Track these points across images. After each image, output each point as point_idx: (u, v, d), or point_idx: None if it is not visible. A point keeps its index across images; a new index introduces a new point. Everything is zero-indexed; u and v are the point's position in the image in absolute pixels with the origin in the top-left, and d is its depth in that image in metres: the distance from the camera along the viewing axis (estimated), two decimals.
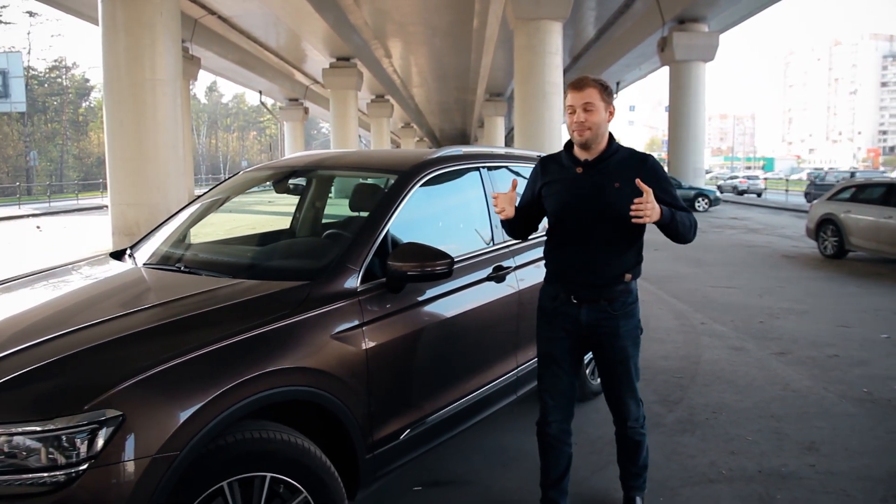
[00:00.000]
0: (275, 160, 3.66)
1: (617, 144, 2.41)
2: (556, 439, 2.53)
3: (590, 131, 2.31)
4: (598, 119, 2.31)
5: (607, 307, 2.39)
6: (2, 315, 2.26)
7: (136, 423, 1.65)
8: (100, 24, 11.81)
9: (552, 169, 2.48)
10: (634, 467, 2.65)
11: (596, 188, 2.34)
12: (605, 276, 2.37)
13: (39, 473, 1.59)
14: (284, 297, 2.16)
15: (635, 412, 2.55)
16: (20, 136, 52.94)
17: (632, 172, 2.30)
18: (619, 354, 2.44)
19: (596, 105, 2.31)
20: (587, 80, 2.34)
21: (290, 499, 1.94)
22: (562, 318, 2.45)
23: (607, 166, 2.36)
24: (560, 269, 2.45)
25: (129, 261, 2.86)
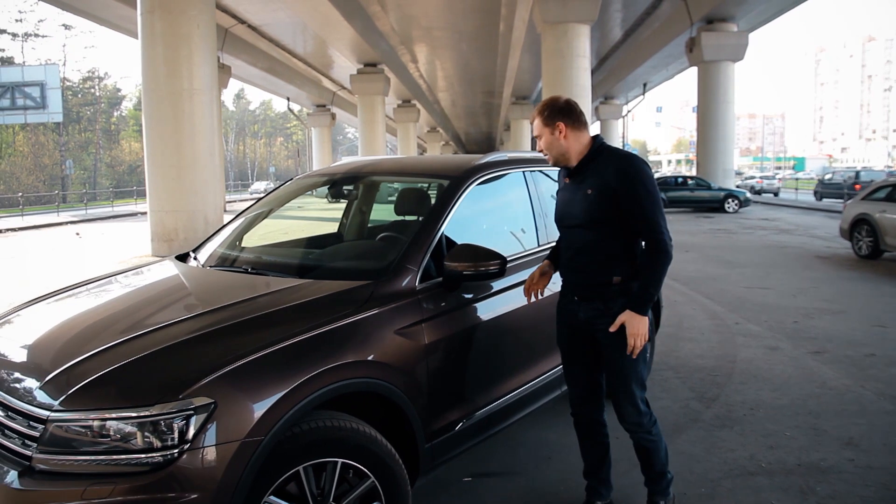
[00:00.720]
0: (326, 167, 3.83)
1: (596, 150, 2.43)
2: (587, 428, 2.64)
3: (550, 154, 2.46)
4: (548, 143, 2.44)
5: (601, 306, 2.42)
6: (93, 312, 2.46)
7: (226, 410, 1.81)
8: (139, 36, 12.19)
9: (560, 179, 2.65)
10: (651, 472, 2.62)
11: (573, 195, 2.45)
12: (593, 279, 2.44)
13: (140, 455, 1.76)
14: (351, 296, 2.32)
15: (633, 417, 2.50)
16: (56, 145, 54.31)
17: (601, 176, 2.37)
18: (612, 354, 2.44)
19: (542, 132, 2.44)
20: (534, 112, 2.49)
21: (359, 484, 2.09)
22: (566, 314, 2.56)
23: (584, 173, 2.43)
24: (562, 269, 2.58)
25: (195, 263, 3.05)
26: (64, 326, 2.35)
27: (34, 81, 35.53)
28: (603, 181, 2.35)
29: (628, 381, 2.45)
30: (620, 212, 2.35)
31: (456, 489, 2.95)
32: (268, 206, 3.59)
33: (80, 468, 1.77)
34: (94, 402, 1.81)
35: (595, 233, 2.40)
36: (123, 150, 66.88)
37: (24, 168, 50.23)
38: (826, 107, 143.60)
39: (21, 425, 1.88)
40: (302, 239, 3.81)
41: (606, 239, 2.40)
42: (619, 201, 2.34)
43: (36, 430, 1.83)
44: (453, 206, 2.70)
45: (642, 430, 2.52)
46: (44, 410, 1.82)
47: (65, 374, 1.91)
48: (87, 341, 2.11)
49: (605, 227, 2.37)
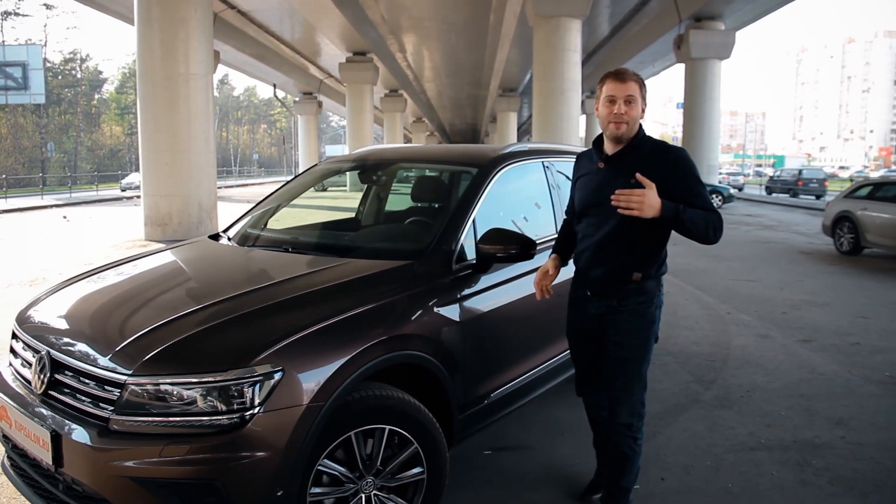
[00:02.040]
0: (349, 153, 3.97)
1: (642, 138, 2.34)
2: (592, 408, 2.67)
3: (626, 125, 2.27)
4: (636, 113, 2.28)
5: (614, 302, 2.38)
6: (150, 286, 2.60)
7: (292, 376, 1.96)
8: (135, 19, 12.15)
9: (582, 164, 2.51)
10: (616, 487, 2.51)
11: (612, 184, 2.27)
12: (612, 273, 2.35)
13: (213, 417, 1.91)
14: (396, 274, 2.47)
15: (626, 417, 2.42)
16: (36, 127, 53.47)
17: (651, 167, 2.24)
18: (616, 350, 2.39)
19: (636, 98, 2.28)
20: (629, 73, 2.29)
21: (403, 450, 2.25)
22: (577, 306, 2.53)
23: (627, 161, 2.31)
24: (578, 260, 2.48)
25: (230, 243, 3.18)
26: (124, 299, 2.48)
27: (16, 61, 34.98)
28: (652, 171, 2.21)
29: (631, 379, 2.40)
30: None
31: (478, 461, 3.13)
32: (292, 191, 3.71)
33: (156, 429, 1.91)
34: (169, 368, 1.94)
35: (628, 225, 2.27)
36: (104, 133, 66.02)
37: (3, 150, 49.43)
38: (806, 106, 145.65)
39: (96, 389, 2.01)
40: (325, 222, 3.95)
41: (639, 232, 2.30)
42: (665, 190, 2.21)
43: (112, 394, 1.97)
44: (483, 192, 2.86)
45: (630, 433, 2.43)
46: (120, 375, 1.96)
47: (138, 341, 2.04)
48: (154, 312, 2.25)
49: (641, 220, 2.22)
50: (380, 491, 2.21)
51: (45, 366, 2.15)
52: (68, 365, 2.11)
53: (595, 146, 2.46)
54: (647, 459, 3.16)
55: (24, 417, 2.11)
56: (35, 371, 2.19)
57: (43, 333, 2.32)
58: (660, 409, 3.78)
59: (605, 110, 2.31)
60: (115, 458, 1.89)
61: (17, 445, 2.24)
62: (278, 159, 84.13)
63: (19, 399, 2.20)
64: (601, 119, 2.34)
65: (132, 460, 1.88)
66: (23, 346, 2.39)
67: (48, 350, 2.19)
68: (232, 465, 1.86)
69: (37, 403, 2.13)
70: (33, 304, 2.63)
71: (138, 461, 1.87)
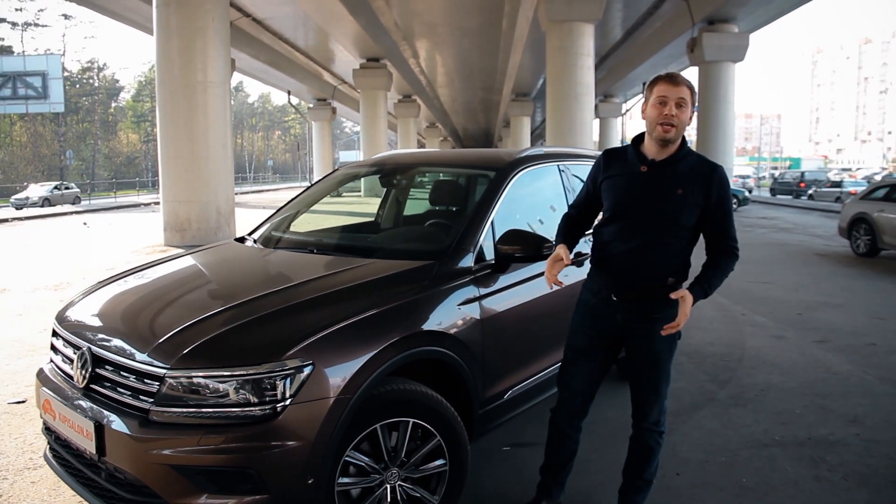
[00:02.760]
0: (368, 158, 4.08)
1: (688, 149, 2.32)
2: (561, 431, 2.55)
3: (675, 129, 2.23)
4: (685, 118, 2.24)
5: (646, 308, 2.34)
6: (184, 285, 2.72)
7: (323, 370, 2.06)
8: (154, 29, 12.38)
9: (616, 163, 2.40)
10: (639, 479, 2.53)
11: (658, 190, 2.26)
12: (648, 278, 2.31)
13: (248, 409, 2.01)
14: (418, 273, 2.57)
15: (656, 415, 2.46)
16: (54, 135, 54.30)
17: (698, 182, 2.26)
18: (650, 357, 2.38)
19: (687, 103, 2.24)
20: (680, 77, 2.26)
21: (426, 442, 2.34)
22: (598, 314, 2.42)
23: (674, 170, 2.27)
24: (605, 265, 2.40)
25: (256, 245, 3.29)
26: (159, 298, 2.60)
27: (36, 71, 35.52)
28: (698, 187, 2.25)
29: (661, 380, 2.41)
30: (700, 220, 2.30)
31: (497, 457, 3.21)
32: (314, 195, 3.82)
33: (193, 420, 2.01)
34: (205, 362, 2.05)
35: (668, 233, 2.27)
36: (121, 141, 66.87)
37: (23, 158, 50.27)
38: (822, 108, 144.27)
39: (135, 383, 2.12)
40: (346, 226, 4.06)
41: (676, 241, 2.29)
42: (706, 210, 2.27)
43: (151, 387, 2.08)
44: (501, 194, 2.95)
45: (658, 428, 2.48)
46: (159, 369, 2.06)
47: (175, 337, 2.15)
48: (189, 310, 2.36)
49: (681, 230, 2.27)
50: (404, 482, 2.30)
51: (87, 361, 2.26)
52: (108, 360, 2.23)
53: (635, 147, 2.37)
54: (663, 455, 3.18)
55: (68, 410, 2.23)
56: (77, 366, 2.30)
57: (83, 331, 2.43)
58: (675, 407, 3.83)
59: (654, 112, 2.24)
60: (155, 446, 1.99)
61: (60, 437, 2.36)
62: (293, 165, 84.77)
63: (62, 393, 2.32)
64: (649, 121, 2.27)
65: (171, 449, 1.98)
66: (63, 344, 2.51)
67: (89, 346, 2.30)
68: (265, 454, 1.96)
69: (79, 397, 2.24)
70: (72, 304, 2.75)
71: (177, 450, 1.97)
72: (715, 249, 2.36)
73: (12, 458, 3.24)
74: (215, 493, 1.98)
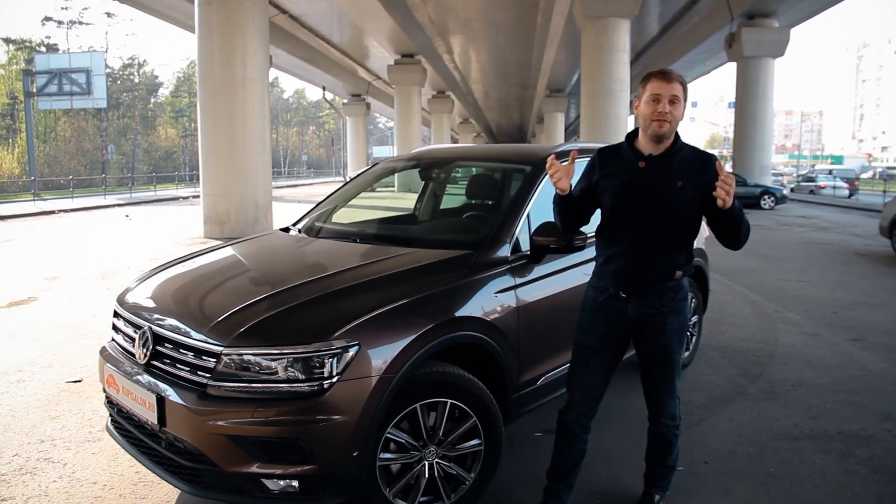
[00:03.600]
0: (407, 153, 4.21)
1: (682, 142, 2.38)
2: (571, 431, 2.53)
3: (669, 125, 2.27)
4: (679, 114, 2.29)
5: (656, 303, 2.37)
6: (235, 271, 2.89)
7: (368, 350, 2.20)
8: (196, 26, 12.71)
9: (612, 161, 2.42)
10: (662, 467, 2.61)
11: (658, 184, 2.31)
12: (656, 272, 2.35)
13: (298, 384, 2.15)
14: (458, 262, 2.69)
15: (671, 409, 2.51)
16: (97, 130, 55.77)
17: (695, 172, 2.30)
18: (662, 351, 2.42)
19: (680, 99, 2.28)
20: (674, 74, 2.30)
21: (463, 422, 2.46)
22: (607, 312, 2.43)
23: (671, 163, 2.32)
24: (611, 263, 2.41)
25: (301, 234, 3.46)
26: (214, 281, 2.78)
27: (80, 68, 36.57)
28: (696, 177, 2.30)
29: (673, 374, 2.46)
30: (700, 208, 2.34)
31: (529, 443, 3.32)
32: (354, 188, 3.97)
33: (247, 394, 2.17)
34: (259, 341, 2.20)
35: (672, 226, 2.33)
36: (160, 136, 68.29)
37: (67, 152, 51.73)
38: (867, 104, 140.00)
39: (194, 359, 2.29)
40: (386, 217, 4.21)
41: (680, 233, 2.36)
42: (705, 195, 2.28)
43: (209, 363, 2.24)
44: (537, 187, 3.05)
45: (675, 421, 2.53)
46: (216, 347, 2.22)
47: (231, 318, 2.31)
48: (243, 293, 2.53)
49: (684, 221, 2.33)
50: (441, 459, 2.43)
51: (148, 340, 2.44)
52: (168, 338, 2.40)
53: (629, 143, 2.41)
54: (692, 444, 3.30)
55: (132, 384, 2.41)
56: (138, 344, 2.48)
57: (144, 312, 2.61)
58: (704, 399, 3.90)
59: (648, 108, 2.28)
60: (212, 418, 2.15)
61: (123, 409, 2.54)
62: (326, 161, 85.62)
63: (125, 368, 2.50)
64: (643, 118, 2.31)
65: (227, 420, 2.14)
66: (124, 323, 2.69)
67: (150, 326, 2.48)
68: (314, 427, 2.11)
69: (141, 372, 2.42)
70: (130, 288, 2.94)
71: (232, 421, 2.13)
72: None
73: (73, 431, 3.47)
74: (267, 461, 2.14)
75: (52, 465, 3.07)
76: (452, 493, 2.46)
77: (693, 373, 4.40)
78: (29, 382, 4.23)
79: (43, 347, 5.05)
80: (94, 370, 4.45)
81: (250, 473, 2.14)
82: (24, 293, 7.23)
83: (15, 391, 4.07)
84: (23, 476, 2.97)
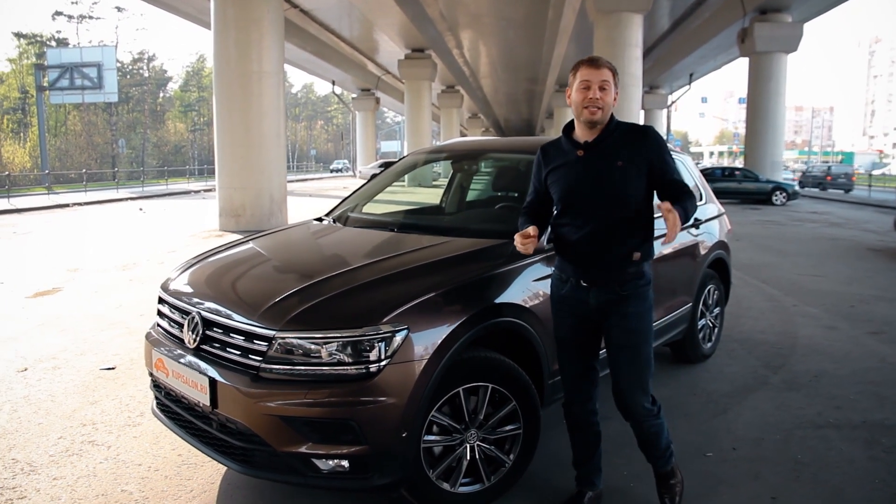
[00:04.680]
0: (434, 145, 4.29)
1: (616, 122, 2.37)
2: (579, 419, 2.56)
3: (601, 111, 2.27)
4: (610, 99, 2.29)
5: (617, 289, 2.35)
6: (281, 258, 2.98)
7: (415, 335, 2.27)
8: (212, 20, 12.80)
9: (553, 155, 2.44)
10: (657, 451, 2.54)
11: (599, 170, 2.31)
12: (613, 257, 2.33)
13: (349, 367, 2.23)
14: (497, 251, 2.76)
15: (642, 403, 2.42)
16: (107, 125, 56.04)
17: (634, 148, 2.31)
18: (626, 338, 2.37)
19: (610, 85, 2.29)
20: (602, 60, 2.31)
21: (502, 407, 2.54)
22: (571, 303, 2.43)
23: (608, 146, 2.32)
24: (568, 253, 2.41)
25: (336, 224, 3.54)
26: (260, 269, 2.87)
27: (91, 62, 36.81)
28: (636, 152, 2.30)
29: (641, 366, 2.39)
30: (648, 184, 2.34)
31: (557, 431, 3.38)
32: (382, 182, 4.05)
33: (299, 377, 2.25)
34: (311, 325, 2.28)
35: (621, 208, 2.32)
36: (169, 130, 68.58)
37: (77, 146, 52.02)
38: (878, 100, 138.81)
39: (246, 343, 2.36)
40: (411, 209, 4.28)
41: (632, 214, 2.33)
42: (652, 172, 2.31)
43: (261, 347, 2.31)
44: None
45: (651, 416, 2.45)
46: (269, 331, 2.30)
47: (282, 303, 2.39)
48: (291, 279, 2.61)
49: (634, 201, 2.32)
50: (482, 442, 2.50)
51: (198, 324, 2.52)
52: (218, 323, 2.47)
53: (565, 135, 2.44)
54: (719, 432, 3.37)
55: (182, 367, 2.49)
56: (187, 329, 2.56)
57: (192, 298, 2.69)
58: (729, 388, 3.97)
59: (579, 96, 2.29)
60: (265, 400, 2.23)
61: (171, 392, 2.62)
62: (335, 155, 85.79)
63: (175, 353, 2.58)
64: (575, 105, 2.31)
65: (279, 402, 2.21)
66: (170, 309, 2.77)
67: (199, 311, 2.55)
68: (365, 408, 2.18)
69: (191, 356, 2.50)
70: (174, 276, 3.02)
71: (285, 403, 2.21)
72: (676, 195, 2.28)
73: (113, 415, 3.56)
74: (318, 442, 2.21)
75: (96, 448, 3.17)
76: (492, 476, 2.54)
77: (715, 363, 4.46)
78: (64, 370, 4.34)
79: (74, 336, 5.16)
80: (126, 358, 4.56)
81: (301, 453, 2.22)
82: (49, 284, 7.36)
83: (52, 378, 4.18)
84: (70, 457, 3.07)
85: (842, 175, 31.51)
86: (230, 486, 2.81)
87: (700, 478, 2.86)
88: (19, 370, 4.33)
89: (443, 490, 2.43)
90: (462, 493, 2.48)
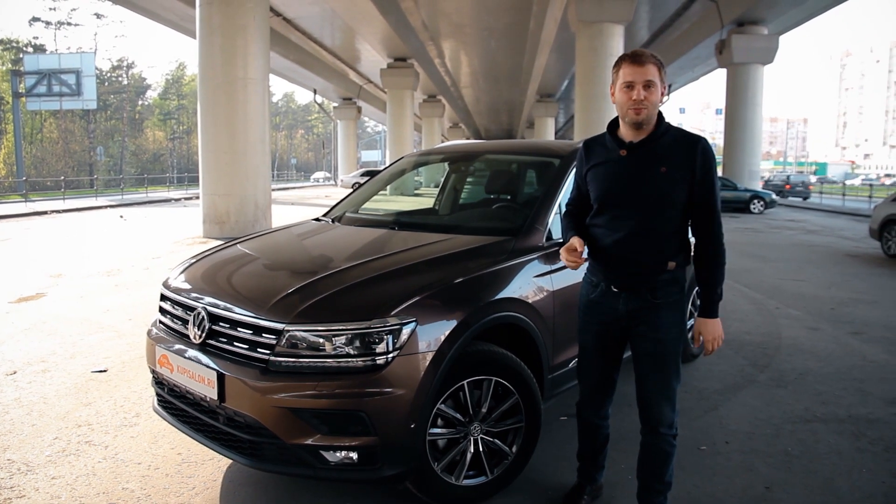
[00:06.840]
0: (430, 148, 4.35)
1: (666, 125, 2.23)
2: (590, 423, 2.54)
3: (647, 111, 2.15)
4: (656, 98, 2.15)
5: (648, 296, 2.24)
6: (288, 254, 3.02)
7: (423, 327, 2.31)
8: (197, 27, 12.76)
9: (596, 152, 2.33)
10: (659, 483, 2.36)
11: (641, 172, 2.19)
12: (647, 264, 2.22)
13: (358, 359, 2.26)
14: (499, 247, 2.82)
15: (669, 417, 2.30)
16: (84, 132, 55.41)
17: (680, 157, 2.17)
18: (656, 348, 2.26)
19: (656, 83, 2.15)
20: (647, 56, 2.15)
21: (505, 400, 2.58)
22: (600, 308, 2.34)
23: (654, 149, 2.19)
24: (601, 256, 2.31)
25: (335, 224, 3.58)
26: (264, 265, 2.89)
27: (70, 69, 36.35)
28: (682, 161, 2.16)
29: (669, 377, 2.28)
30: (690, 195, 2.19)
31: (555, 426, 3.44)
32: (377, 184, 4.10)
33: (309, 369, 2.27)
34: (320, 318, 2.30)
35: (659, 215, 2.20)
36: (147, 138, 67.95)
37: (54, 154, 51.34)
38: (850, 112, 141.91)
39: (254, 337, 2.38)
40: (412, 210, 4.34)
41: (669, 222, 2.21)
42: (692, 185, 2.18)
43: (269, 340, 2.33)
44: (567, 178, 3.19)
45: (672, 432, 2.33)
46: (278, 325, 2.32)
47: (290, 297, 2.41)
48: (298, 274, 2.64)
49: (672, 209, 2.19)
50: (485, 435, 2.54)
51: (204, 319, 2.53)
52: (224, 318, 2.49)
53: (610, 132, 2.31)
54: (711, 427, 3.44)
55: (188, 362, 2.50)
56: (193, 324, 2.57)
57: (196, 294, 2.70)
58: (719, 386, 4.05)
59: (623, 96, 2.17)
60: (274, 392, 2.25)
61: (175, 388, 2.63)
62: (315, 164, 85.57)
63: (179, 348, 2.59)
64: (619, 105, 2.20)
65: (289, 394, 2.24)
66: (172, 306, 2.78)
67: (204, 307, 2.57)
68: (375, 399, 2.22)
69: (197, 351, 2.51)
70: (175, 274, 3.03)
71: (294, 395, 2.23)
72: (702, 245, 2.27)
73: (108, 416, 3.54)
74: (328, 433, 2.24)
75: (93, 448, 3.15)
76: (495, 468, 2.58)
77: (704, 363, 4.54)
78: (54, 372, 4.30)
79: (62, 340, 5.11)
80: (117, 361, 4.53)
81: (311, 445, 2.24)
82: (32, 289, 7.26)
83: (43, 380, 4.14)
84: (67, 457, 3.05)
85: (799, 184, 34.35)
86: (232, 482, 2.82)
87: (696, 470, 2.93)
88: (8, 373, 4.28)
89: (447, 482, 2.47)
90: (466, 486, 2.52)
